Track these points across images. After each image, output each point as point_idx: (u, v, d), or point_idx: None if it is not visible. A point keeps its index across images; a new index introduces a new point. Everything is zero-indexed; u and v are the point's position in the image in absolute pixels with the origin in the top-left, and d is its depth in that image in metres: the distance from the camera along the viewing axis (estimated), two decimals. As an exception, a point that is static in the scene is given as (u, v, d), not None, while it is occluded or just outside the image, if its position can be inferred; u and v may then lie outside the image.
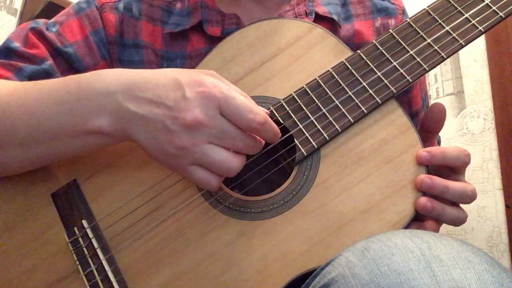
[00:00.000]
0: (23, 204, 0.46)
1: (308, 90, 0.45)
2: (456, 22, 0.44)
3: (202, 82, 0.37)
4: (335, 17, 0.55)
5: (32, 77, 0.50)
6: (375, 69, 0.44)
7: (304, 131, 0.43)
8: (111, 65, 0.54)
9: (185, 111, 0.36)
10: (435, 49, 0.43)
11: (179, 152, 0.37)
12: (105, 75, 0.40)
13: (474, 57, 1.33)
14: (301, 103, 0.45)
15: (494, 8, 0.43)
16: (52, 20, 0.56)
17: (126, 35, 0.55)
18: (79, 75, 0.42)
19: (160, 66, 0.54)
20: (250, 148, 0.38)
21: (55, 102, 0.41)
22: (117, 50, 0.54)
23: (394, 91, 0.43)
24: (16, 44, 0.52)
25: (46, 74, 0.51)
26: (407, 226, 0.40)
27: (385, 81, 0.43)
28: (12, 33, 0.54)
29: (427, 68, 0.43)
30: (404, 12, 0.61)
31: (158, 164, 0.45)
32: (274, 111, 0.45)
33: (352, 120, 0.43)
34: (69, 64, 0.53)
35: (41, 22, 0.54)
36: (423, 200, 0.40)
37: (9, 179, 0.47)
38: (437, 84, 1.41)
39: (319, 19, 0.55)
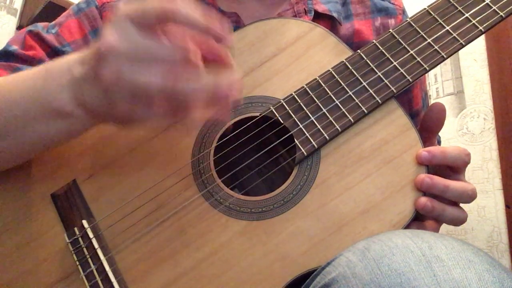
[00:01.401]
0: (23, 204, 0.46)
1: (308, 90, 0.45)
2: (456, 21, 0.44)
3: (105, 32, 0.33)
4: (335, 14, 0.55)
5: None
6: (375, 69, 0.44)
7: (304, 131, 0.43)
8: None
9: (101, 42, 0.33)
10: (435, 49, 0.43)
11: (140, 90, 0.33)
12: (69, 55, 0.39)
13: (474, 57, 1.33)
14: (301, 103, 0.45)
15: (494, 8, 0.43)
16: (53, 22, 0.56)
17: None
18: (47, 62, 0.42)
19: None
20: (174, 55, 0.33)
21: (22, 88, 0.40)
22: None
23: (394, 91, 0.43)
24: (14, 47, 0.52)
25: None
26: (407, 226, 0.40)
27: (385, 81, 0.43)
28: (11, 38, 0.55)
29: (427, 68, 0.43)
30: (404, 12, 0.61)
31: (158, 164, 0.45)
32: (274, 111, 0.45)
33: (352, 120, 0.43)
34: None
35: (40, 26, 0.55)
36: (423, 200, 0.40)
37: (8, 179, 0.46)
38: (437, 84, 1.41)
39: (319, 17, 0.55)
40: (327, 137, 0.43)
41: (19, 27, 1.41)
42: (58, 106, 0.38)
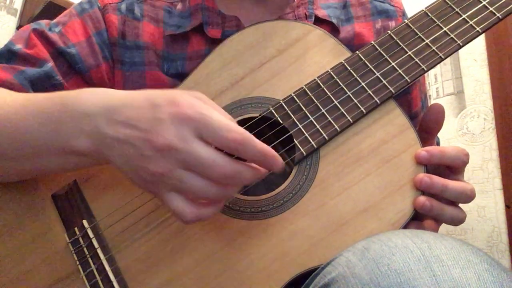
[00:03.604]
0: (24, 204, 0.46)
1: (308, 91, 0.45)
2: (454, 23, 0.44)
3: (176, 102, 0.34)
4: (334, 20, 0.55)
5: (33, 81, 0.50)
6: (373, 70, 0.44)
7: (303, 131, 0.44)
8: (112, 67, 0.55)
9: (158, 134, 0.34)
10: (433, 50, 0.43)
11: (155, 178, 0.34)
12: (87, 96, 0.39)
13: (474, 57, 1.33)
14: (300, 104, 0.45)
15: (491, 9, 0.43)
16: (55, 20, 0.56)
17: (128, 36, 0.55)
18: (64, 94, 0.41)
19: (161, 67, 0.54)
20: (234, 177, 0.34)
21: (39, 121, 0.40)
22: (119, 52, 0.54)
23: (393, 91, 0.43)
24: (18, 46, 0.52)
25: (47, 77, 0.51)
26: (406, 226, 0.40)
27: (384, 82, 0.44)
28: (14, 35, 0.54)
29: (425, 69, 0.43)
30: (404, 14, 0.61)
31: None
32: (273, 111, 0.45)
33: (351, 120, 0.43)
34: (71, 65, 0.53)
35: (43, 23, 0.54)
36: (422, 199, 0.40)
37: (10, 179, 0.47)
38: (437, 84, 1.41)
39: (319, 22, 0.55)
40: (326, 137, 0.43)
41: (19, 27, 1.42)
42: (74, 148, 0.39)
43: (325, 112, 0.44)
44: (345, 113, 0.43)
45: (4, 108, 0.43)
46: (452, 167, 0.43)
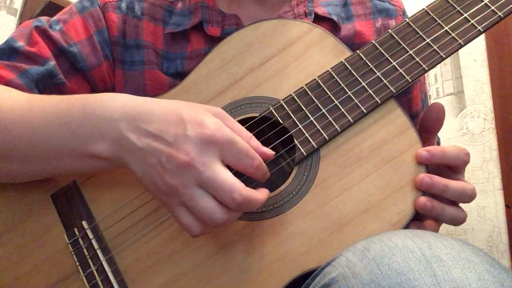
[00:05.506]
0: (23, 205, 0.46)
1: (308, 90, 0.45)
2: (455, 22, 0.44)
3: (204, 123, 0.36)
4: (334, 17, 0.55)
5: (37, 80, 0.50)
6: (374, 69, 0.44)
7: (303, 131, 0.43)
8: (113, 66, 0.54)
9: (182, 151, 0.35)
10: (434, 49, 0.43)
11: (169, 190, 0.36)
12: (111, 101, 0.40)
13: (474, 57, 1.33)
14: (300, 103, 0.45)
15: (493, 8, 0.43)
16: (55, 18, 0.55)
17: (128, 35, 0.55)
18: (84, 97, 0.41)
19: (160, 66, 0.54)
20: (242, 204, 0.35)
21: (58, 123, 0.40)
22: (120, 51, 0.54)
23: (394, 91, 0.43)
24: (20, 43, 0.51)
25: (50, 76, 0.51)
26: (406, 226, 0.40)
27: (385, 81, 0.44)
28: (15, 32, 0.53)
29: (426, 68, 0.43)
30: (404, 13, 0.61)
31: None
32: (273, 111, 0.45)
33: (351, 120, 0.43)
34: (72, 64, 0.52)
35: (44, 20, 0.54)
36: (423, 199, 0.40)
37: (9, 180, 0.46)
38: (437, 84, 1.41)
39: (319, 19, 0.55)
40: (327, 137, 0.43)
41: (19, 28, 1.41)
42: (94, 151, 0.39)
43: (325, 112, 0.44)
44: (345, 113, 0.43)
45: (17, 109, 0.42)
46: (453, 167, 0.42)
